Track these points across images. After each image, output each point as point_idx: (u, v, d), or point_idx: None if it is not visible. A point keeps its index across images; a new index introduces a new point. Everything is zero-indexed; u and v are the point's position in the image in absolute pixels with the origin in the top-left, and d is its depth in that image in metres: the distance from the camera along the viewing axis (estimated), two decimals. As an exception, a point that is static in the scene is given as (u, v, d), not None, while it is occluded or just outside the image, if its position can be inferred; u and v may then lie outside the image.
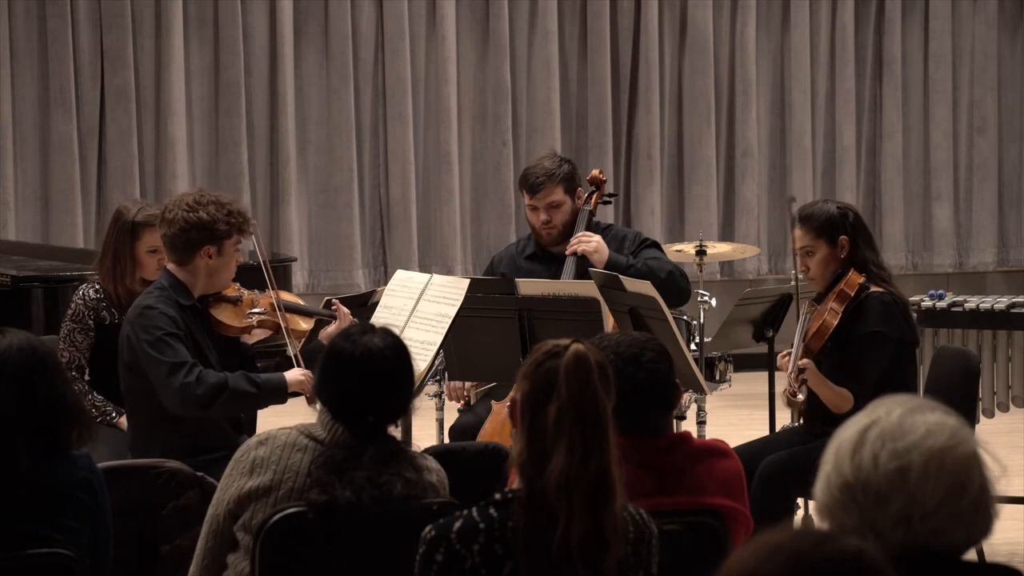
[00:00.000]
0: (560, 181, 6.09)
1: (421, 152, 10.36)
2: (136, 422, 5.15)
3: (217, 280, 5.13)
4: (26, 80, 9.86)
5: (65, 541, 3.55)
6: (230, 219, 5.05)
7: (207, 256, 5.06)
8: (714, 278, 10.30)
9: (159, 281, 5.11)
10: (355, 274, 10.26)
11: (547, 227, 6.11)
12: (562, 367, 3.16)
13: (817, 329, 5.31)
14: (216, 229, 5.03)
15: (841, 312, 5.31)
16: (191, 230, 5.03)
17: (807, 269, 5.40)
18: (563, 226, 6.11)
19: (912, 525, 2.39)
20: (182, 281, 5.08)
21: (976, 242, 10.99)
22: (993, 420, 6.60)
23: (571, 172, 6.15)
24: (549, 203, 6.08)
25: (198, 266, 5.07)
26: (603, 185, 6.28)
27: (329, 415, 3.72)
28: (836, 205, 5.47)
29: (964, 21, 10.89)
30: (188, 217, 5.02)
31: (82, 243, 9.73)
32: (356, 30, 10.21)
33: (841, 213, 5.40)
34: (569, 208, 6.12)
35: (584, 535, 3.11)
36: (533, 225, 6.16)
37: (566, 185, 6.11)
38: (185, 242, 5.04)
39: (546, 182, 6.06)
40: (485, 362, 5.75)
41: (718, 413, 7.64)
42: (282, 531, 3.62)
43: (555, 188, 6.08)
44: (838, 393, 5.28)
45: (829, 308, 5.32)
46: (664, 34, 10.57)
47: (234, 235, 5.08)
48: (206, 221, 5.02)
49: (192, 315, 5.08)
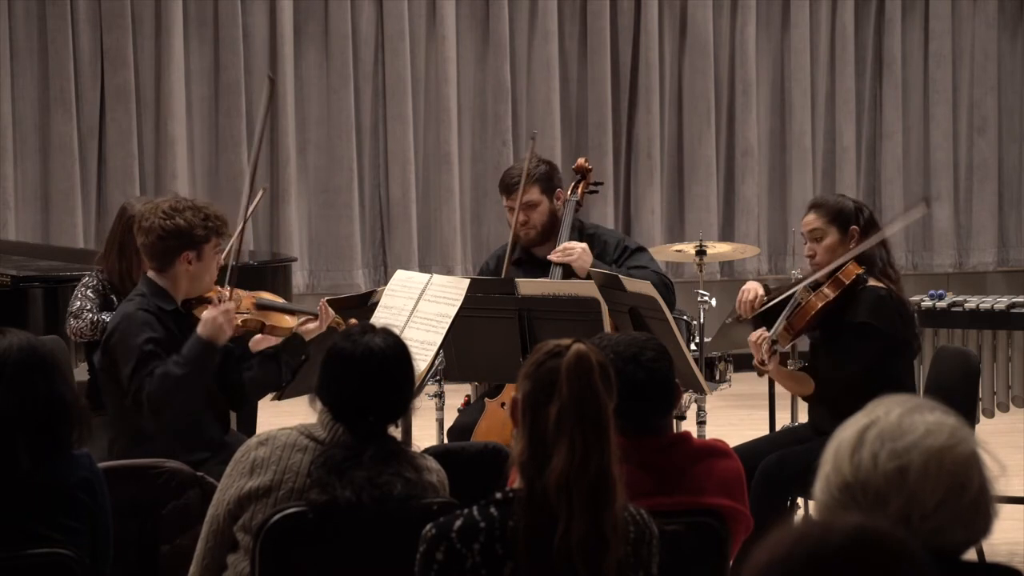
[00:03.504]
0: (536, 181, 6.08)
1: (421, 152, 10.36)
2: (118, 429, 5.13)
3: (199, 284, 5.12)
4: (26, 80, 9.86)
5: (65, 541, 3.55)
6: (207, 223, 5.04)
7: (187, 262, 5.04)
8: (714, 278, 10.30)
9: (139, 288, 5.10)
10: (355, 274, 10.26)
11: (524, 227, 6.10)
12: (563, 367, 3.16)
13: (801, 307, 5.35)
14: (194, 235, 5.02)
15: (832, 297, 5.33)
16: (168, 237, 5.01)
17: (813, 254, 5.43)
18: (541, 226, 6.11)
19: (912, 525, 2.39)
20: (163, 287, 5.07)
21: (976, 242, 11.00)
22: (993, 420, 6.60)
23: (548, 172, 6.15)
24: (525, 203, 6.07)
25: (178, 272, 5.06)
26: (588, 174, 6.27)
27: (329, 415, 3.72)
28: (854, 201, 5.53)
29: (964, 21, 10.89)
30: (165, 224, 5.01)
31: (82, 243, 9.73)
32: (356, 30, 10.21)
33: (857, 207, 5.47)
34: (547, 208, 6.12)
35: (584, 535, 3.11)
36: (511, 226, 6.14)
37: (543, 185, 6.10)
38: (164, 249, 5.03)
39: (520, 182, 6.04)
40: (485, 362, 5.75)
41: (718, 413, 7.63)
42: (282, 531, 3.62)
43: (530, 188, 6.07)
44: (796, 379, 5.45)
45: (821, 291, 5.36)
46: (664, 34, 10.57)
47: (212, 239, 5.07)
48: (183, 227, 5.01)
49: (175, 319, 5.07)
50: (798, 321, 5.37)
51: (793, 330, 5.38)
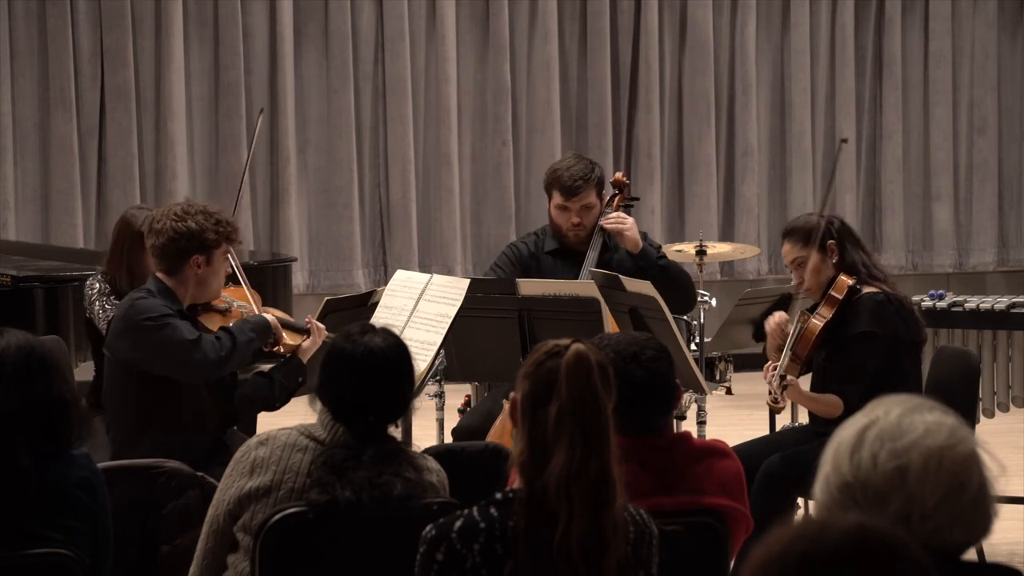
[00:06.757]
0: (594, 184, 6.22)
1: (421, 152, 10.36)
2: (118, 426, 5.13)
3: (207, 290, 5.13)
4: (26, 80, 9.85)
5: (65, 541, 3.55)
6: (218, 228, 5.05)
7: (196, 266, 5.05)
8: (714, 278, 10.29)
9: (147, 286, 5.11)
10: (355, 274, 10.25)
11: (576, 228, 6.21)
12: (563, 367, 3.16)
13: (802, 334, 5.33)
14: (205, 238, 5.03)
15: (829, 316, 5.33)
16: (180, 239, 5.02)
17: (801, 281, 5.43)
18: (590, 227, 6.24)
19: (911, 525, 2.39)
20: (170, 288, 5.08)
21: (976, 242, 10.99)
22: (993, 420, 6.59)
23: (602, 175, 6.31)
24: (583, 205, 6.19)
25: (187, 275, 5.07)
26: (626, 188, 6.40)
27: (329, 415, 3.72)
28: (818, 215, 5.49)
29: (964, 21, 10.88)
30: (177, 227, 5.02)
31: (82, 243, 9.73)
32: (356, 30, 10.20)
33: (827, 221, 5.45)
34: (598, 211, 6.26)
35: (584, 535, 3.11)
36: (559, 225, 6.22)
37: (598, 188, 6.25)
38: (174, 251, 5.04)
39: (584, 186, 6.17)
40: (485, 362, 5.75)
41: (718, 413, 7.63)
42: (282, 531, 3.62)
43: (590, 191, 6.20)
44: (824, 402, 5.35)
45: (818, 314, 5.35)
46: (664, 34, 10.56)
47: (223, 244, 5.08)
48: (195, 231, 5.02)
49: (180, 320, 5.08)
50: (802, 348, 5.35)
51: (799, 359, 5.37)
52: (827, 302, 5.34)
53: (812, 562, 2.03)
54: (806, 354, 5.35)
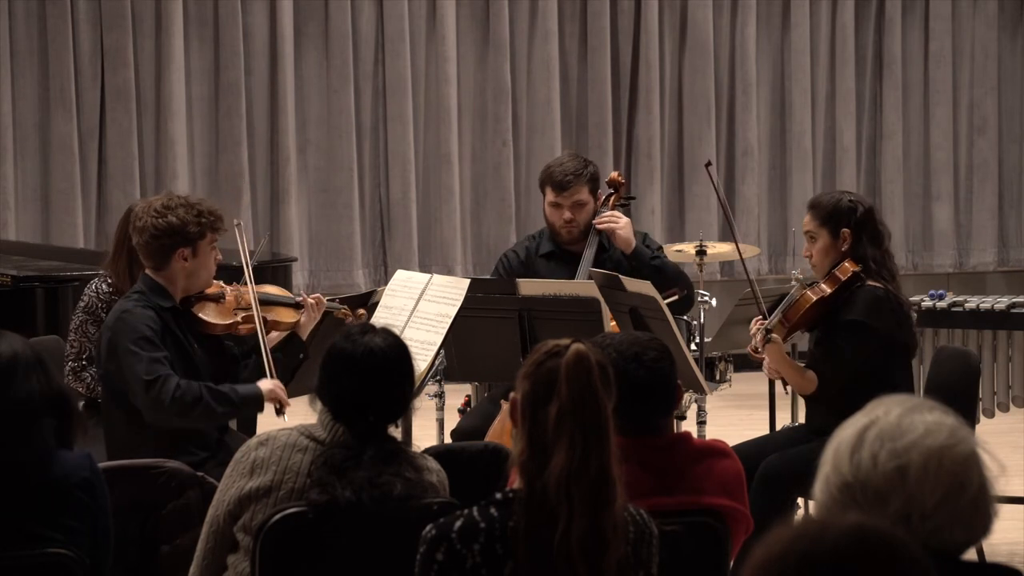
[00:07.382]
0: (587, 181, 6.19)
1: (421, 152, 10.36)
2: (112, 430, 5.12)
3: (197, 280, 5.11)
4: (26, 80, 9.85)
5: (65, 541, 3.55)
6: (200, 219, 5.04)
7: (182, 259, 5.04)
8: (714, 278, 10.30)
9: (138, 285, 5.09)
10: (355, 274, 10.25)
11: (569, 225, 6.20)
12: (563, 367, 3.16)
13: (796, 301, 5.37)
14: (188, 231, 5.02)
15: (828, 293, 5.34)
16: (162, 236, 5.01)
17: (810, 255, 5.45)
18: (584, 225, 6.21)
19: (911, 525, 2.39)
20: (161, 285, 5.07)
21: (976, 242, 10.99)
22: (993, 420, 6.59)
23: (596, 173, 6.28)
24: (575, 202, 6.18)
25: (175, 269, 5.06)
26: (621, 187, 6.39)
27: (329, 415, 3.72)
28: (851, 198, 5.47)
29: (964, 21, 10.88)
30: (158, 223, 5.01)
31: (82, 243, 9.73)
32: (356, 30, 10.20)
33: (850, 207, 5.41)
34: (591, 208, 6.24)
35: (584, 535, 3.11)
36: (553, 223, 6.22)
37: (591, 185, 6.23)
38: (159, 248, 5.03)
39: (575, 181, 6.15)
40: (485, 362, 5.75)
41: (718, 413, 7.63)
42: (282, 531, 3.62)
43: (582, 187, 6.18)
44: (799, 372, 5.38)
45: (817, 287, 5.38)
46: (664, 34, 10.56)
47: (207, 235, 5.07)
48: (176, 225, 5.01)
49: (174, 317, 5.07)
50: (792, 313, 5.40)
51: (788, 322, 5.41)
52: (829, 279, 5.37)
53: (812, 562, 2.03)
54: (794, 320, 5.38)
